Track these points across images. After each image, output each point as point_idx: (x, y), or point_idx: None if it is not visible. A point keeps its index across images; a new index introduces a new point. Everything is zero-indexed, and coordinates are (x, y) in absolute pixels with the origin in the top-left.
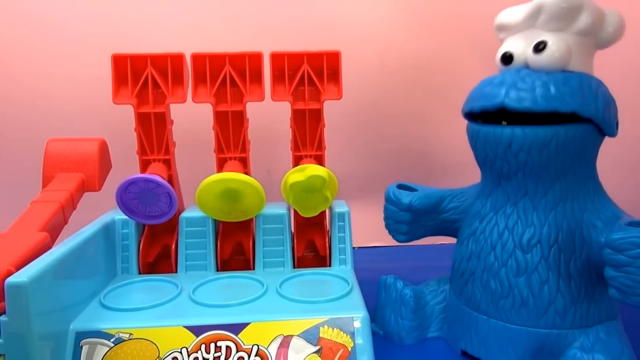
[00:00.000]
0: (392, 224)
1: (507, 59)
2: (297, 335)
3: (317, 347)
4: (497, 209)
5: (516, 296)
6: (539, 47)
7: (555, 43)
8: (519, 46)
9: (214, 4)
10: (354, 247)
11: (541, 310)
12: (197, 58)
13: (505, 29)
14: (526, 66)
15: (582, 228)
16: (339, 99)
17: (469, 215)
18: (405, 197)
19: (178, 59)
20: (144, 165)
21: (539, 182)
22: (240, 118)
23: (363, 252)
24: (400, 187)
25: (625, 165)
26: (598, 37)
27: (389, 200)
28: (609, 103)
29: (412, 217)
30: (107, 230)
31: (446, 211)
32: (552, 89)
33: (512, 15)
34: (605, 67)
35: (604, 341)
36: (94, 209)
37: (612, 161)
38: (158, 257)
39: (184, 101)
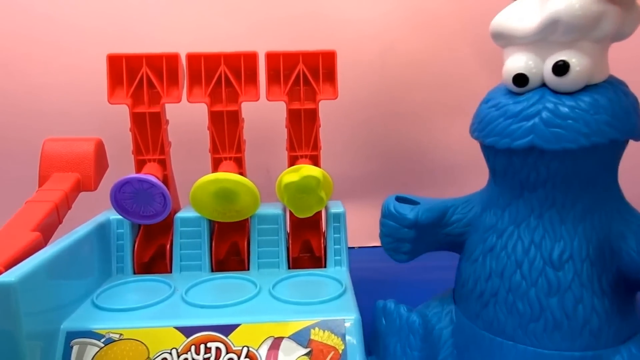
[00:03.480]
0: (392, 243)
1: (521, 80)
2: (288, 337)
3: (308, 350)
4: (518, 222)
5: (548, 318)
6: (561, 69)
7: (578, 63)
8: (532, 64)
9: (211, 3)
10: (353, 247)
11: (576, 331)
12: (192, 58)
13: (506, 38)
14: (543, 85)
15: (610, 239)
16: (335, 98)
17: (480, 228)
18: (410, 212)
19: (173, 58)
20: (140, 165)
21: (569, 192)
22: (235, 118)
23: (362, 252)
24: (398, 199)
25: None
26: (616, 35)
27: (390, 216)
28: (637, 109)
29: (417, 234)
30: (102, 229)
31: (449, 224)
32: (589, 120)
33: (516, 23)
34: (628, 64)
35: (638, 357)
36: (91, 208)
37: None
38: (154, 257)
39: (179, 101)
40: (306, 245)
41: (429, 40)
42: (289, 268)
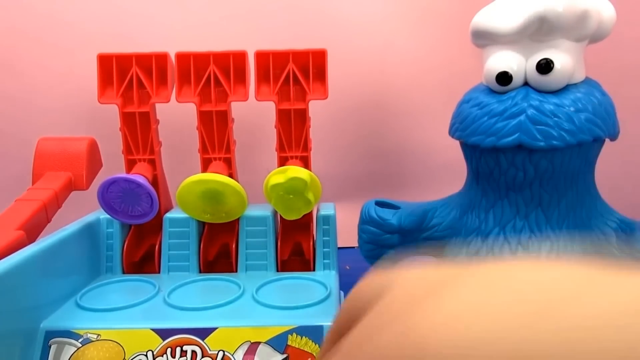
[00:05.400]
0: (375, 250)
1: (505, 79)
2: (265, 343)
3: (284, 356)
4: (503, 223)
5: None
6: (545, 67)
7: (561, 61)
8: (515, 62)
9: (200, 0)
10: (353, 247)
11: None
12: (182, 57)
13: (487, 38)
14: (526, 84)
15: (591, 236)
16: (325, 98)
17: (462, 232)
18: (393, 217)
19: (162, 58)
20: (130, 165)
21: (554, 191)
22: (224, 118)
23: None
24: (377, 204)
25: (625, 165)
26: (594, 36)
27: (371, 222)
28: (614, 109)
29: (400, 239)
30: (91, 229)
31: (429, 229)
32: (574, 118)
33: (498, 22)
34: (605, 67)
35: None
36: (84, 207)
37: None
38: (145, 257)
39: (168, 101)
40: (297, 247)
41: (422, 40)
42: (277, 271)
